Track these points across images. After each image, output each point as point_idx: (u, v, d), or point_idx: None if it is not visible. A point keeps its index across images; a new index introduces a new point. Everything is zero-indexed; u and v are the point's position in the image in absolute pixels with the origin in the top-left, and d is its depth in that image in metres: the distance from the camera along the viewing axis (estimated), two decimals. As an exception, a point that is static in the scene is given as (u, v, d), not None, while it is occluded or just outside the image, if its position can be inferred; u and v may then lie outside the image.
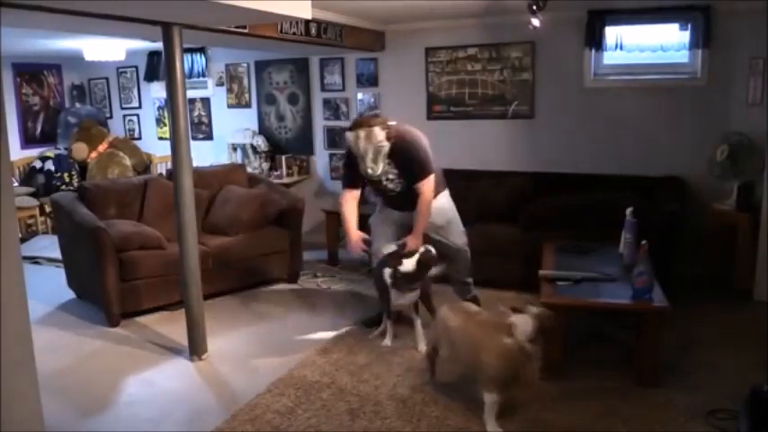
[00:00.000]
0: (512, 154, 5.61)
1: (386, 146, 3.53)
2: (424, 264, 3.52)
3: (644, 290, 3.11)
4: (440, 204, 3.81)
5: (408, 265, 3.50)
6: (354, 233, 3.81)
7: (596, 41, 5.06)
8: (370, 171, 3.57)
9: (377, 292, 3.81)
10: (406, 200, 3.72)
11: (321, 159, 6.52)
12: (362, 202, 4.84)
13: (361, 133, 3.52)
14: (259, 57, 6.59)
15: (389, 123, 3.63)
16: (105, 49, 6.05)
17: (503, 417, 2.86)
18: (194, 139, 6.64)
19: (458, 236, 3.96)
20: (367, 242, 3.85)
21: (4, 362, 2.10)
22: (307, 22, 4.59)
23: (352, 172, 3.75)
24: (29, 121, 7.35)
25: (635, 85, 5.14)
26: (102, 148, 7.14)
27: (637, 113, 5.13)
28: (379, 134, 3.50)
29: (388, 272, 3.56)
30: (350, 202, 3.84)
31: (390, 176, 3.68)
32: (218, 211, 5.05)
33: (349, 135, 3.60)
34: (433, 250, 3.57)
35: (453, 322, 3.02)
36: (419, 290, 3.64)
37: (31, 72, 7.33)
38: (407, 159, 3.61)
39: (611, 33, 5.05)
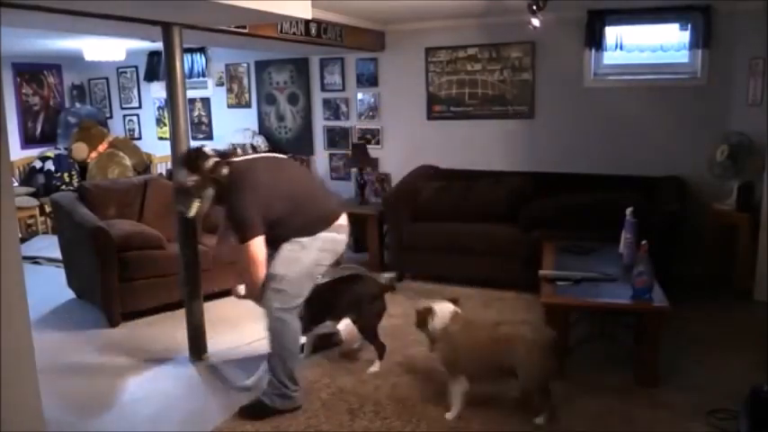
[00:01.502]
0: (512, 154, 5.61)
1: (206, 191, 2.89)
2: None
3: (644, 290, 3.11)
4: (285, 253, 2.96)
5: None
6: None
7: (596, 41, 5.07)
8: (178, 210, 3.10)
9: None
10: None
11: (321, 159, 6.52)
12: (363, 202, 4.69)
13: (179, 170, 3.03)
14: (259, 57, 6.59)
15: (218, 162, 2.90)
16: (105, 49, 6.05)
17: (503, 415, 2.86)
18: (194, 139, 6.64)
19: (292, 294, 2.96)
20: None
21: (4, 362, 2.10)
22: (307, 22, 4.59)
23: None
24: (29, 121, 7.36)
25: (635, 85, 5.14)
26: (102, 148, 7.15)
27: (637, 113, 5.13)
28: (183, 175, 2.91)
29: None
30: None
31: None
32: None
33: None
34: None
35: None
36: None
37: (31, 72, 7.33)
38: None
39: (611, 33, 5.06)
